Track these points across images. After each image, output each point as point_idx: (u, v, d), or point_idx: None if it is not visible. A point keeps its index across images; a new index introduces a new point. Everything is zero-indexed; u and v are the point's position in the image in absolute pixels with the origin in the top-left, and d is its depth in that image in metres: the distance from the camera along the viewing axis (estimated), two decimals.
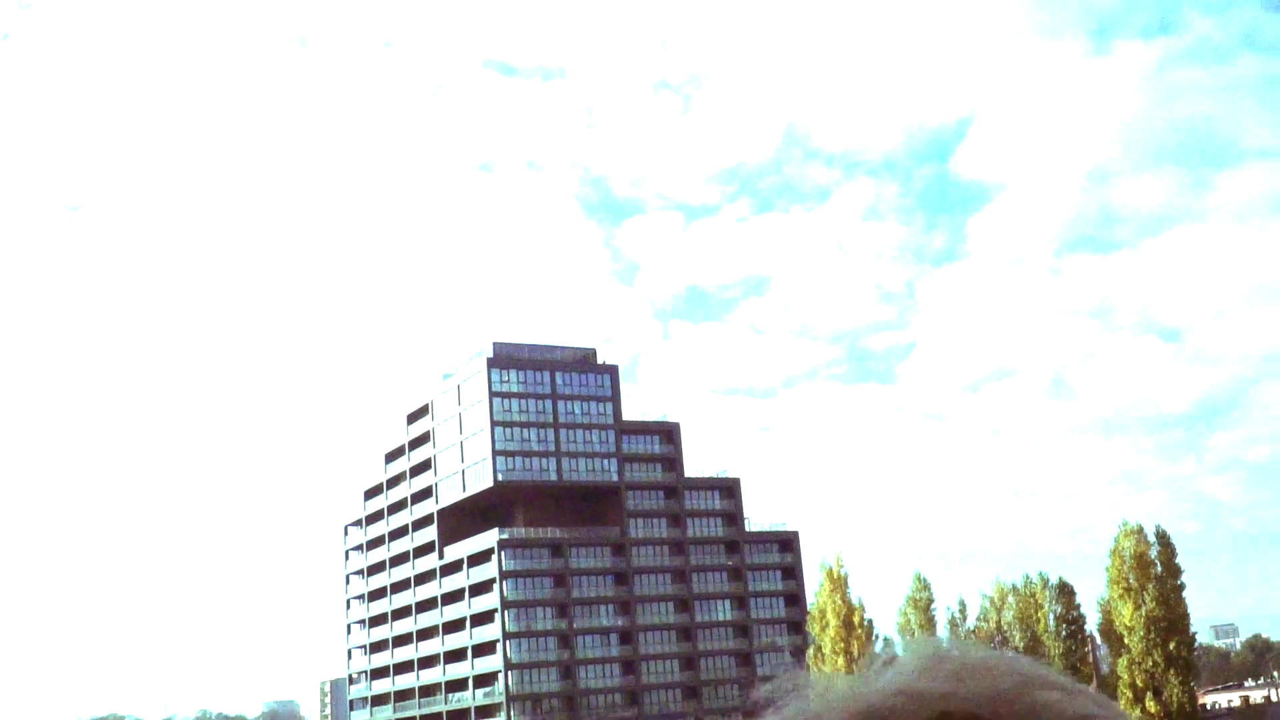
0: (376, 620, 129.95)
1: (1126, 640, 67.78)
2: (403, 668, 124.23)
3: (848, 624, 70.48)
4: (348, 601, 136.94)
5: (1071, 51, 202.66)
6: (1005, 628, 73.27)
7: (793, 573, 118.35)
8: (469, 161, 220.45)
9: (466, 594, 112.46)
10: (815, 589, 73.20)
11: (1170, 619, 67.57)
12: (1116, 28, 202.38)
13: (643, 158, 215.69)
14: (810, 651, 74.01)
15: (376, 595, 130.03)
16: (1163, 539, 69.39)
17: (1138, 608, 67.25)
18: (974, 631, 73.49)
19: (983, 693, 1.02)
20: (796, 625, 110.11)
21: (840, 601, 71.08)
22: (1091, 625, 71.96)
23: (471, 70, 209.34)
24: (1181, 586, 68.88)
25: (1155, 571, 68.47)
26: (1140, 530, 69.32)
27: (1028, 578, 73.56)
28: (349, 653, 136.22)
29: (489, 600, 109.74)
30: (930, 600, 73.56)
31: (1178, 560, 69.50)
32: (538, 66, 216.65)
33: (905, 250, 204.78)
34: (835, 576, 71.76)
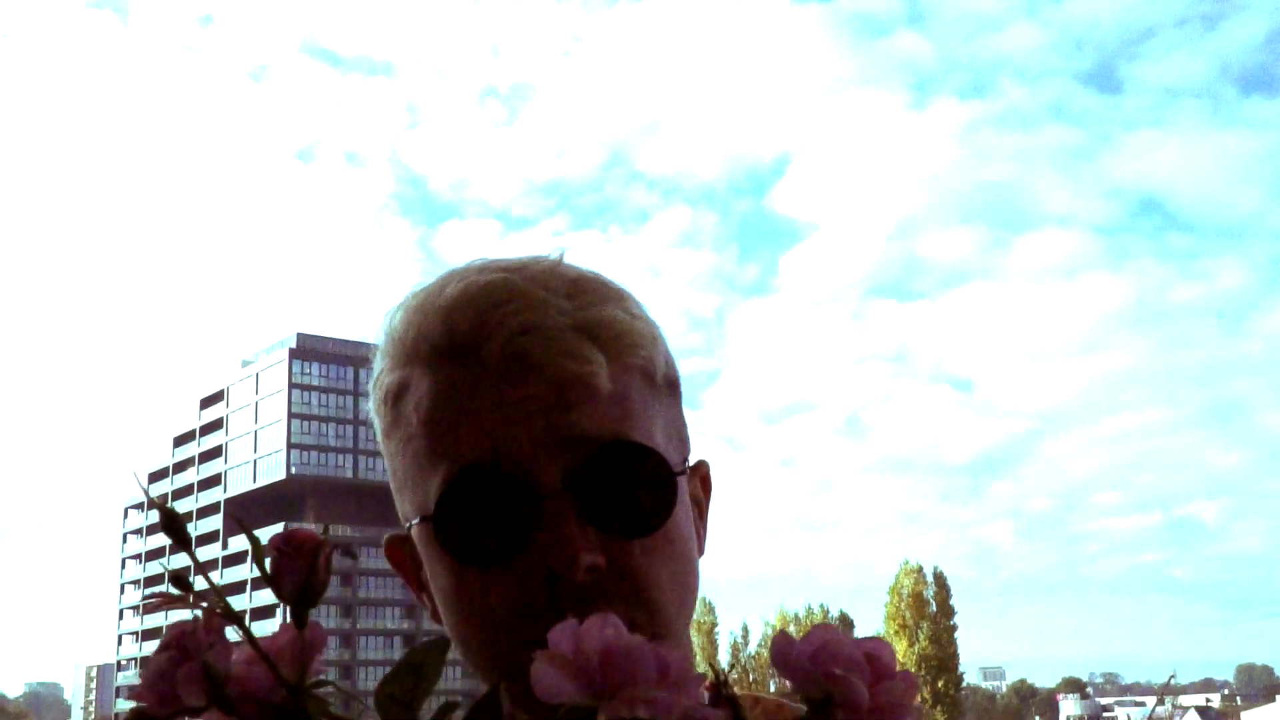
0: (151, 607, 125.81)
1: None
2: None
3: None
4: (121, 585, 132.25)
5: (890, 103, 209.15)
6: None
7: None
8: (286, 148, 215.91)
9: (248, 586, 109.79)
10: None
11: (941, 658, 69.96)
12: (935, 85, 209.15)
13: (464, 163, 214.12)
14: None
15: (153, 581, 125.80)
16: (939, 580, 71.92)
17: (911, 644, 69.41)
18: (754, 657, 74.91)
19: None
20: None
21: None
22: None
23: (293, 55, 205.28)
24: (954, 627, 71.44)
25: (930, 611, 70.88)
26: (919, 570, 71.72)
27: (809, 608, 75.35)
28: (119, 638, 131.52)
29: (271, 594, 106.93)
30: (714, 624, 74.74)
31: (952, 601, 72.11)
32: (363, 59, 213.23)
33: (717, 279, 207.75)
34: None
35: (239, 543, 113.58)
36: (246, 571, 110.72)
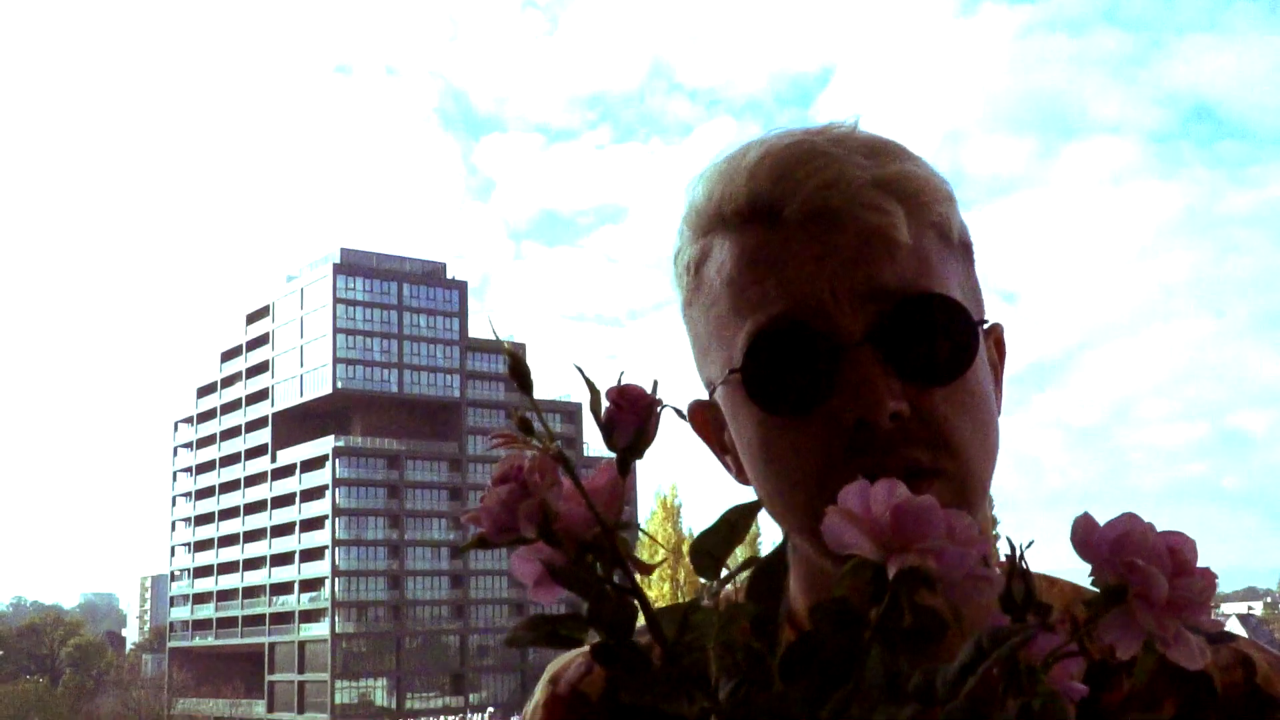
0: (203, 519, 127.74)
1: None
2: (227, 568, 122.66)
3: (676, 552, 71.67)
4: (173, 498, 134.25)
5: (938, 9, 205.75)
6: None
7: (627, 500, 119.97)
8: (326, 62, 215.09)
9: (298, 499, 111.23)
10: (647, 517, 74.26)
11: None
12: None
13: (505, 75, 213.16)
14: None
15: (204, 494, 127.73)
16: None
17: None
18: None
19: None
20: None
21: (671, 530, 72.23)
22: None
23: None
24: (996, 537, 71.70)
25: None
26: None
27: None
28: (172, 549, 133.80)
29: (320, 506, 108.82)
30: (758, 535, 75.40)
31: (995, 513, 72.31)
32: None
33: None
34: (668, 505, 72.91)
35: (288, 456, 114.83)
36: (296, 484, 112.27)
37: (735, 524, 0.65)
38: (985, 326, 1.08)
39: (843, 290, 0.98)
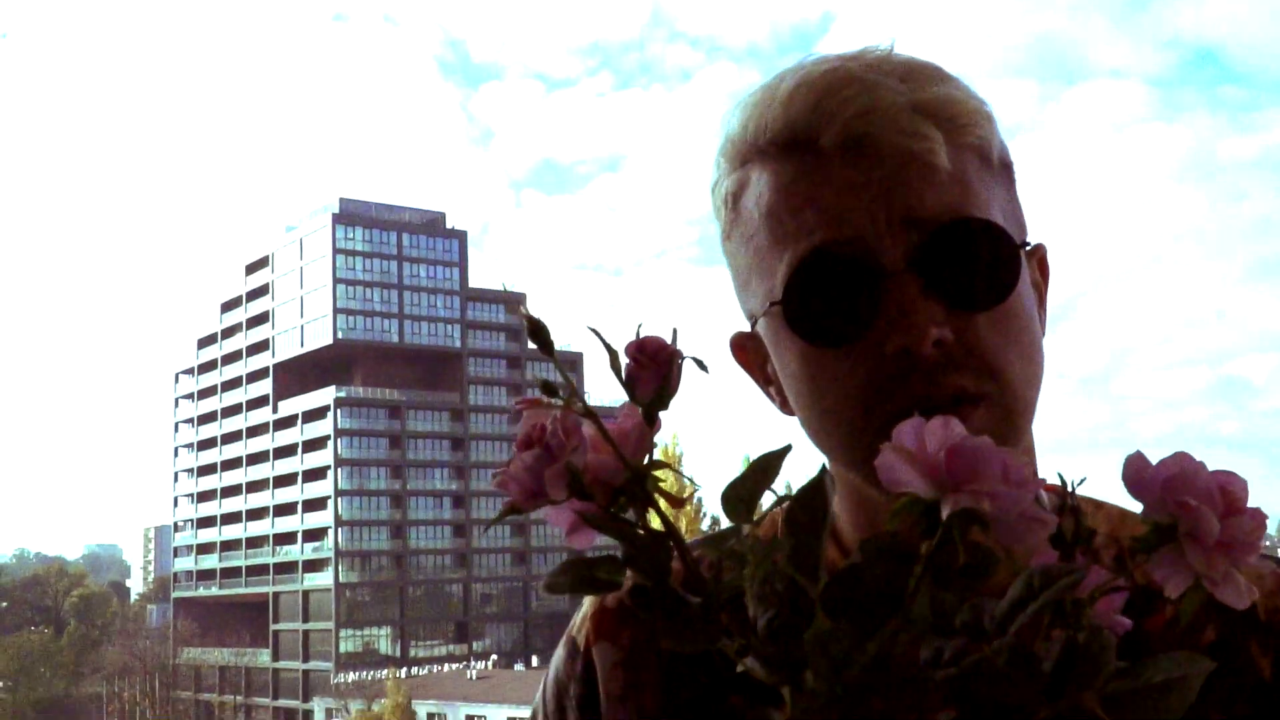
0: (205, 470, 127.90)
1: None
2: (230, 518, 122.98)
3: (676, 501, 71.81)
4: (175, 449, 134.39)
5: None
6: None
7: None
8: (324, 9, 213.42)
9: (300, 449, 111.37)
10: None
11: None
12: None
13: (505, 23, 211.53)
14: None
15: (206, 445, 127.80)
16: None
17: None
18: None
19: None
20: None
21: (673, 479, 72.30)
22: None
23: None
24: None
25: None
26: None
27: None
28: (175, 500, 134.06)
29: (322, 457, 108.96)
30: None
31: None
32: None
33: None
34: (669, 454, 72.96)
35: (289, 407, 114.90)
36: (297, 435, 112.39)
37: (766, 468, 0.64)
38: (1028, 248, 1.06)
39: (882, 218, 0.96)
